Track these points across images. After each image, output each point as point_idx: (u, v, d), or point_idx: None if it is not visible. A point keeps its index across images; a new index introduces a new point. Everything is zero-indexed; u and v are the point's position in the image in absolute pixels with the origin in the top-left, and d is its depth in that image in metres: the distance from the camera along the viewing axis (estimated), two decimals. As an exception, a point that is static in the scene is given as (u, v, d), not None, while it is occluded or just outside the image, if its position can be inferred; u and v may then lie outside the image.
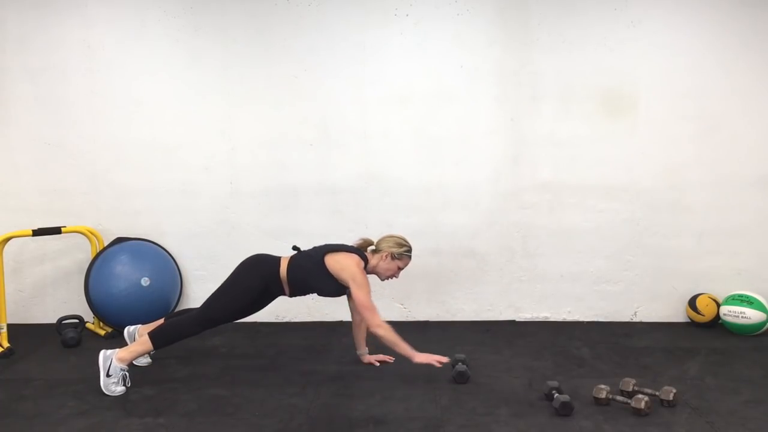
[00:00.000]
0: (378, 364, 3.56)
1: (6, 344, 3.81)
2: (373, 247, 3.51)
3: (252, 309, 3.39)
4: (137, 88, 4.37)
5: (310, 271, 3.33)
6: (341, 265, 3.30)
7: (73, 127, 4.39)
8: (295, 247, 3.49)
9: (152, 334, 3.24)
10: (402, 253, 3.44)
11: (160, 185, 4.43)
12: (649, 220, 4.37)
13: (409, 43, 4.32)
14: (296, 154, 4.40)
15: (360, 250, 3.46)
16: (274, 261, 3.39)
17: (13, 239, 4.02)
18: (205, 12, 4.32)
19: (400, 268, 3.48)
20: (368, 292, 3.26)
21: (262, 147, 4.40)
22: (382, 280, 3.52)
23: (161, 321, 3.53)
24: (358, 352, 3.60)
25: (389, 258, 3.42)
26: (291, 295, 3.41)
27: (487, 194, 4.40)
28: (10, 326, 3.90)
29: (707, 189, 4.33)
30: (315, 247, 3.47)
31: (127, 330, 3.64)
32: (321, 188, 4.42)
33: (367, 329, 3.40)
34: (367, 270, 3.41)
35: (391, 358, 3.58)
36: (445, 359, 3.21)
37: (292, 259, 3.38)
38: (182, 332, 3.28)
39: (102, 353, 3.22)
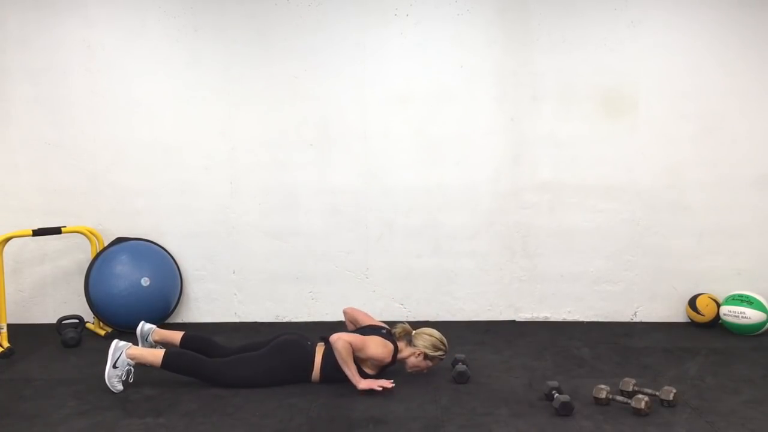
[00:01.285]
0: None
1: (6, 344, 3.81)
2: (409, 337, 3.38)
3: (264, 385, 3.26)
4: (137, 88, 4.37)
5: (344, 376, 3.19)
6: (372, 350, 3.20)
7: (73, 127, 4.39)
8: (324, 338, 3.35)
9: (167, 357, 3.21)
10: (435, 356, 3.33)
11: (160, 185, 4.43)
12: (649, 220, 4.37)
13: (409, 43, 4.32)
14: (296, 154, 4.40)
15: (393, 336, 3.36)
16: (309, 353, 3.27)
17: (13, 239, 4.02)
18: (205, 12, 4.32)
19: (428, 367, 3.37)
20: (360, 346, 3.15)
21: (262, 147, 4.40)
22: (408, 371, 3.38)
23: (179, 333, 3.47)
24: None
25: (422, 357, 3.32)
26: (320, 382, 3.29)
27: (487, 194, 4.40)
28: (10, 326, 3.90)
29: (707, 189, 4.33)
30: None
31: (141, 327, 3.51)
32: (321, 188, 4.42)
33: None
34: (396, 358, 3.30)
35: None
36: (389, 384, 3.12)
37: (325, 357, 3.25)
38: (193, 373, 3.25)
39: (115, 343, 3.20)
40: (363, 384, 3.14)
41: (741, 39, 4.24)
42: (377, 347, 3.21)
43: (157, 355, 3.22)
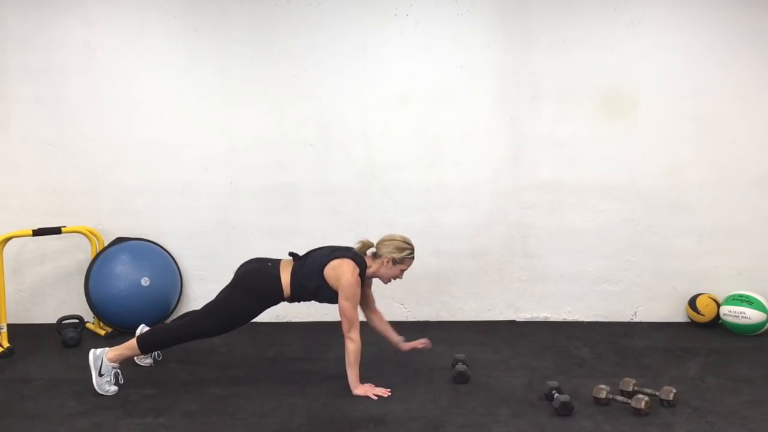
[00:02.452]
0: (422, 347, 3.46)
1: (6, 344, 3.81)
2: (373, 250, 3.32)
3: (246, 321, 3.29)
4: (137, 88, 4.37)
5: (312, 283, 3.20)
6: (337, 275, 3.16)
7: (73, 127, 4.39)
8: (291, 254, 3.34)
9: (139, 338, 3.22)
10: (404, 257, 3.27)
11: (160, 185, 4.43)
12: (649, 220, 4.37)
13: (409, 43, 4.32)
14: (296, 154, 4.40)
15: (359, 254, 3.31)
16: (274, 272, 3.23)
17: (13, 239, 4.02)
18: (205, 12, 4.32)
19: (402, 271, 3.31)
20: (355, 304, 3.13)
21: (262, 147, 4.40)
22: (385, 283, 3.37)
23: (156, 326, 3.49)
24: (395, 344, 3.47)
25: (390, 263, 3.25)
26: (290, 302, 3.31)
27: (487, 194, 4.40)
28: (10, 326, 3.90)
29: (707, 189, 4.33)
30: (312, 256, 3.30)
31: (140, 330, 3.56)
32: (321, 188, 4.42)
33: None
34: (367, 274, 3.27)
35: (428, 341, 3.48)
36: (385, 393, 3.13)
37: (294, 270, 3.24)
38: (169, 339, 3.24)
39: (92, 353, 3.20)
40: (359, 390, 3.14)
41: (741, 39, 4.24)
42: (348, 275, 3.13)
43: (132, 345, 3.21)
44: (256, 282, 3.23)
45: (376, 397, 3.11)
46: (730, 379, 3.34)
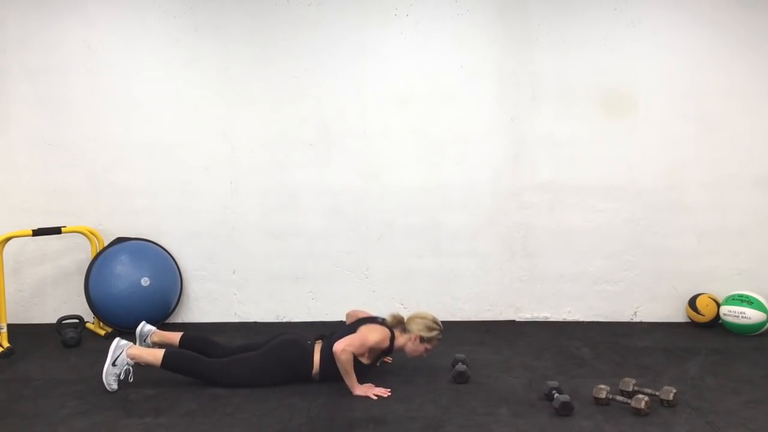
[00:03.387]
0: (377, 364, 3.53)
1: (6, 344, 3.81)
2: (403, 325, 3.38)
3: (266, 385, 3.27)
4: (137, 88, 4.37)
5: None
6: (370, 331, 3.23)
7: (73, 127, 4.39)
8: (322, 336, 3.39)
9: (167, 357, 3.22)
10: (432, 337, 3.32)
11: (160, 185, 4.43)
12: (649, 220, 4.37)
13: (409, 43, 4.32)
14: (296, 154, 4.40)
15: (389, 325, 3.35)
16: (308, 351, 3.28)
17: (13, 239, 4.02)
18: (205, 12, 4.32)
19: (427, 350, 3.35)
20: (359, 348, 3.15)
21: (262, 147, 4.40)
22: (408, 357, 3.38)
23: (178, 334, 3.48)
24: None
25: (418, 340, 3.31)
26: (321, 380, 3.30)
27: (487, 194, 4.40)
28: (10, 326, 3.90)
29: (707, 189, 4.33)
30: (345, 328, 3.35)
31: (141, 328, 3.53)
32: (321, 188, 4.42)
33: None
34: (395, 347, 3.32)
35: (389, 358, 3.57)
36: (385, 393, 3.14)
37: (323, 350, 3.27)
38: (193, 373, 3.26)
39: (116, 341, 3.22)
40: (359, 391, 3.14)
41: (741, 39, 4.24)
42: (375, 333, 3.23)
43: (156, 355, 3.23)
44: (293, 354, 3.27)
45: (375, 397, 3.11)
46: (730, 379, 3.34)
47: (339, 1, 4.30)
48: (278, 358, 3.25)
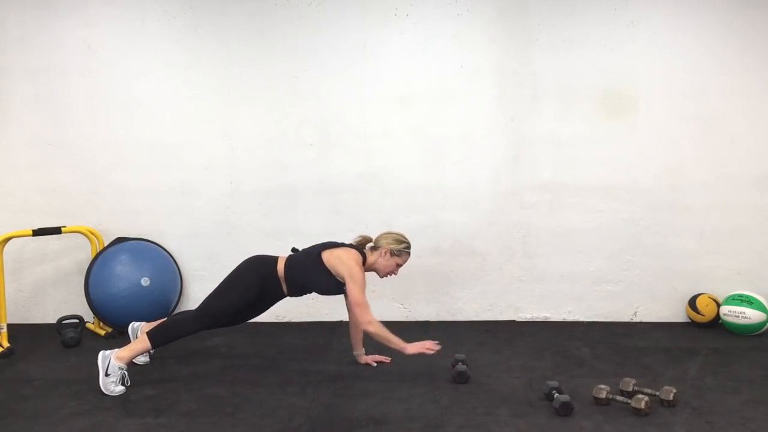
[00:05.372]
0: (375, 364, 3.55)
1: (6, 344, 3.81)
2: (371, 245, 3.50)
3: (252, 311, 3.40)
4: (137, 88, 4.37)
5: (308, 268, 3.33)
6: (339, 260, 3.30)
7: (73, 127, 4.39)
8: (293, 249, 3.50)
9: (151, 333, 3.25)
10: (401, 249, 3.43)
11: (160, 185, 4.43)
12: (649, 220, 4.37)
13: (409, 43, 4.32)
14: (296, 154, 4.40)
15: (359, 247, 3.46)
16: (271, 260, 3.39)
17: (13, 239, 4.02)
18: (205, 12, 4.32)
19: (398, 265, 3.47)
20: (363, 288, 3.25)
21: (262, 147, 4.40)
22: (381, 277, 3.51)
23: (163, 320, 3.52)
24: (355, 353, 3.60)
25: (388, 254, 3.41)
26: (290, 294, 3.40)
27: (487, 194, 4.40)
28: (10, 326, 3.90)
29: (707, 189, 4.33)
30: (313, 245, 3.47)
31: (132, 326, 3.67)
32: (321, 188, 4.42)
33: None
34: (366, 267, 3.41)
35: (388, 358, 3.58)
36: (435, 345, 3.23)
37: (290, 258, 3.40)
38: (180, 331, 3.28)
39: (101, 354, 3.23)
40: (412, 348, 3.22)
41: (741, 39, 4.24)
42: (352, 261, 3.29)
43: (143, 340, 3.25)
44: (255, 264, 3.38)
45: (431, 351, 3.20)
46: (730, 379, 3.34)
47: (339, 1, 4.30)
48: (245, 276, 3.32)
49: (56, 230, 4.05)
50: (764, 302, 4.08)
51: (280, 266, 3.35)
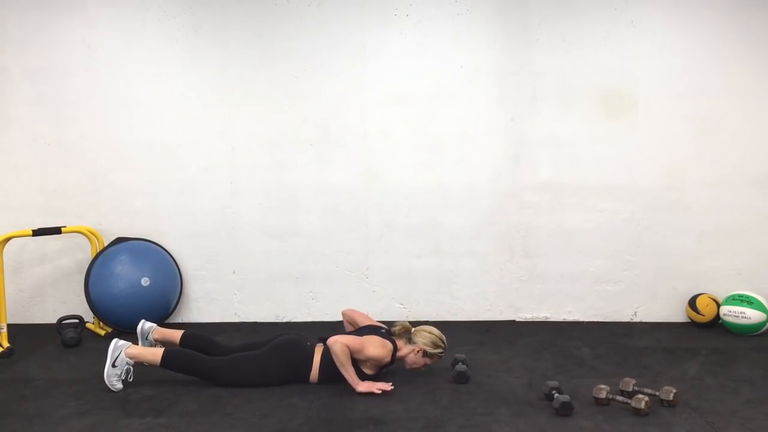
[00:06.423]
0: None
1: (6, 344, 3.81)
2: (409, 335, 3.37)
3: (265, 384, 3.27)
4: (137, 88, 4.37)
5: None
6: (372, 343, 3.21)
7: (73, 127, 4.39)
8: (321, 339, 3.36)
9: (166, 356, 3.22)
10: (434, 353, 3.32)
11: (160, 185, 4.43)
12: (649, 220, 4.37)
13: (409, 43, 4.32)
14: (296, 154, 4.40)
15: (392, 337, 3.34)
16: (308, 354, 3.27)
17: (13, 239, 4.02)
18: (205, 12, 4.32)
19: (426, 365, 3.36)
20: (358, 350, 3.15)
21: (262, 147, 4.40)
22: (406, 368, 3.38)
23: (179, 332, 3.48)
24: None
25: (420, 353, 3.31)
26: (317, 382, 3.28)
27: (487, 194, 4.40)
28: (10, 326, 3.90)
29: (707, 189, 4.33)
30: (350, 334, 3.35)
31: (142, 326, 3.52)
32: (321, 188, 4.42)
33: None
34: (396, 357, 3.30)
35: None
36: (387, 387, 3.14)
37: (323, 356, 3.26)
38: (196, 371, 3.25)
39: (114, 342, 3.21)
40: (362, 387, 3.14)
41: (740, 39, 4.24)
42: (376, 347, 3.21)
43: (156, 353, 3.23)
44: (293, 355, 3.26)
45: (380, 392, 3.11)
46: (730, 379, 3.34)
47: (339, 1, 4.30)
48: (278, 358, 3.25)
49: (56, 230, 4.05)
50: (764, 302, 4.08)
51: (317, 360, 3.26)
